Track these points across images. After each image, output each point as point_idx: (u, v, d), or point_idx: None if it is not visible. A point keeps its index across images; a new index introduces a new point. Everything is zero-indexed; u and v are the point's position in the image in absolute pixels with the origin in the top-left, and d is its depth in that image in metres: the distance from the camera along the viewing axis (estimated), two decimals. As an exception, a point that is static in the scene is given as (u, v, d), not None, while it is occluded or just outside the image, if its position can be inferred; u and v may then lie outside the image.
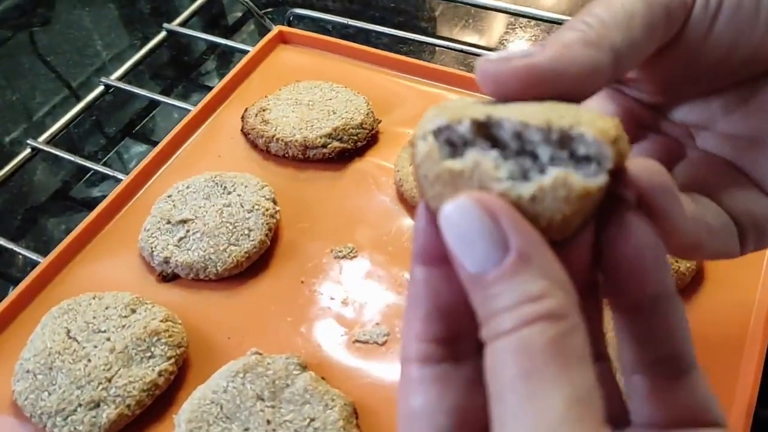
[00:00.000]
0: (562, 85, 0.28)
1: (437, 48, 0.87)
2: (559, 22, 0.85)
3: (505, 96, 0.27)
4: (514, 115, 0.24)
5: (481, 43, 0.90)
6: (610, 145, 0.23)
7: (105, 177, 0.74)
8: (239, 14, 0.97)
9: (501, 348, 0.22)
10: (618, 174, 0.25)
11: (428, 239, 0.26)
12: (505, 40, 0.89)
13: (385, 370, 0.55)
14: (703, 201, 0.33)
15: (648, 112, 0.37)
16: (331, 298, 0.59)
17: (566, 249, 0.25)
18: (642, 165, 0.27)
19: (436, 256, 0.25)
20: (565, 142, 0.24)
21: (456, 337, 0.26)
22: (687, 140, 0.37)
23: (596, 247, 0.26)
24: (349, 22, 0.88)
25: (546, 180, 0.23)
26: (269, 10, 0.97)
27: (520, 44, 0.89)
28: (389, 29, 0.86)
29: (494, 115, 0.24)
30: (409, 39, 0.86)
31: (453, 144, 0.25)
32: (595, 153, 0.23)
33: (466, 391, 0.26)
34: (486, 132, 0.25)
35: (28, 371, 0.52)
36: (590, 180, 0.23)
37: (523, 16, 0.88)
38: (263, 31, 0.93)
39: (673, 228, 0.28)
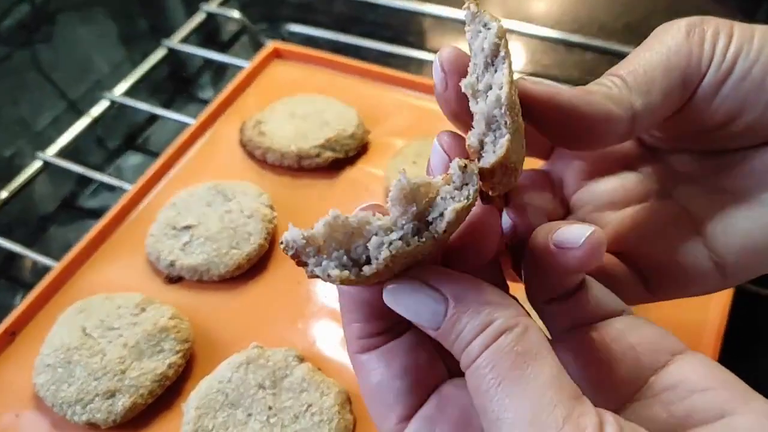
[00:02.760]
0: (576, 123, 0.32)
1: (427, 61, 0.91)
2: (548, 39, 0.90)
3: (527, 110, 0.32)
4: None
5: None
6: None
7: (109, 186, 0.78)
8: (235, 30, 1.02)
9: (474, 371, 0.27)
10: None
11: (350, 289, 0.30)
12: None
13: (377, 361, 0.60)
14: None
15: (642, 150, 0.41)
16: (326, 297, 0.64)
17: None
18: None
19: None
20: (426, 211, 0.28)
21: (392, 325, 0.31)
22: (663, 184, 0.40)
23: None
24: (340, 38, 0.93)
25: (448, 216, 0.27)
26: (263, 26, 1.02)
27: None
28: (378, 43, 0.91)
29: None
30: (398, 54, 0.91)
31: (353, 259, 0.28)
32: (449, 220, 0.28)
33: (410, 354, 0.31)
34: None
35: (48, 365, 0.57)
36: (469, 199, 0.28)
37: (511, 32, 0.94)
38: (258, 45, 0.98)
39: None
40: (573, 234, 0.29)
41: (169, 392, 0.58)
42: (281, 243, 0.28)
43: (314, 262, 0.27)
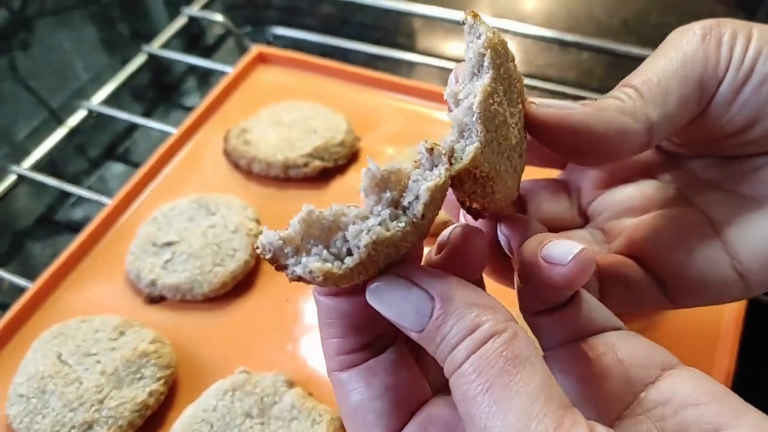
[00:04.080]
0: (592, 142, 0.31)
1: (418, 64, 0.88)
2: (542, 38, 0.87)
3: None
4: None
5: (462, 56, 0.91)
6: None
7: (90, 200, 0.75)
8: (219, 34, 0.99)
9: (459, 377, 0.25)
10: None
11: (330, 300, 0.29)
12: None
13: (371, 383, 0.56)
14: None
15: (660, 157, 0.40)
16: (316, 316, 0.60)
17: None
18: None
19: (336, 293, 0.28)
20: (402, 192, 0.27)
21: (373, 340, 0.29)
22: (687, 191, 0.39)
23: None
24: (328, 41, 0.90)
25: (423, 197, 0.26)
26: (247, 29, 0.98)
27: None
28: (366, 45, 0.88)
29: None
30: (387, 56, 0.87)
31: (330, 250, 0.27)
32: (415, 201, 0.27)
33: (392, 373, 0.29)
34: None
35: (21, 395, 0.54)
36: (441, 177, 0.27)
37: (503, 31, 0.90)
38: (243, 50, 0.94)
39: None
40: (560, 250, 0.28)
41: (150, 423, 0.54)
42: (257, 247, 0.26)
43: (294, 261, 0.26)
